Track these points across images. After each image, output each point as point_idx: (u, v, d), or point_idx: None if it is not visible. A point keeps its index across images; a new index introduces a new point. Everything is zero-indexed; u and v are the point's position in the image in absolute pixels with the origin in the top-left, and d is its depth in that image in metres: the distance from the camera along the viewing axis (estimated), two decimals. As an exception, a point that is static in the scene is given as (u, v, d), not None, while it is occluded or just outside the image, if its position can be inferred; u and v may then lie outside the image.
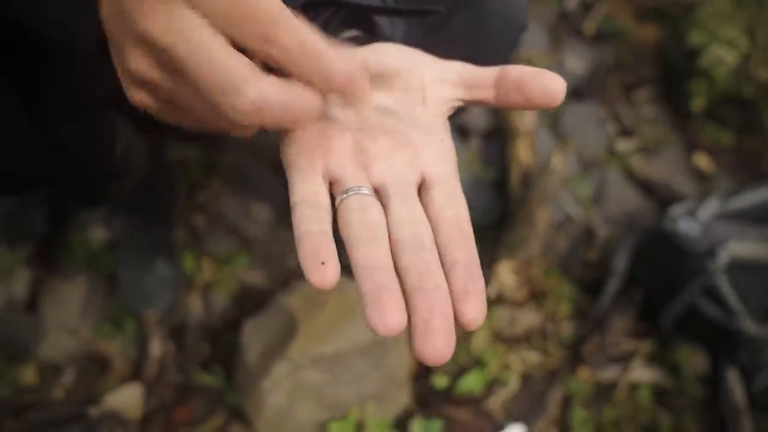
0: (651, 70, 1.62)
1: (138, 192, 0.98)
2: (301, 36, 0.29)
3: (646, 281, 1.05)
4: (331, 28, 0.43)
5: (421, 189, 0.34)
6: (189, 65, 0.28)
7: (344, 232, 0.32)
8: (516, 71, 0.36)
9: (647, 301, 1.05)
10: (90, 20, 0.33)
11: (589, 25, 1.65)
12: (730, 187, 1.42)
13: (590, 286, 1.14)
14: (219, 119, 0.31)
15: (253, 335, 0.85)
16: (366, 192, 0.33)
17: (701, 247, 0.96)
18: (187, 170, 1.07)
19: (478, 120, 1.29)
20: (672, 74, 1.59)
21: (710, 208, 1.01)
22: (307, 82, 0.30)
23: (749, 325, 0.93)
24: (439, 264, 0.30)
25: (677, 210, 1.02)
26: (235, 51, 0.29)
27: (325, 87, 0.30)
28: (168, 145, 1.03)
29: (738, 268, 0.95)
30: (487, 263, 1.06)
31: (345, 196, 0.33)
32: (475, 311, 0.29)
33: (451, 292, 0.29)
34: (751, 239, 0.96)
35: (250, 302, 0.99)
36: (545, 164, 1.11)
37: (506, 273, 0.99)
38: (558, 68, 1.54)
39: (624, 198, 1.32)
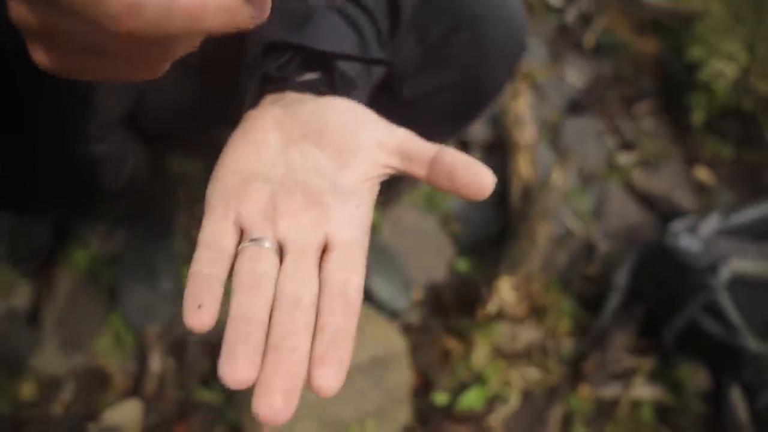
0: (650, 82, 1.62)
1: (139, 205, 0.98)
2: None
3: (647, 297, 1.05)
4: (291, 70, 0.43)
5: (324, 251, 0.35)
6: None
7: (233, 278, 0.32)
8: (450, 158, 0.36)
9: (648, 317, 1.05)
10: None
11: (589, 38, 1.66)
12: (731, 201, 1.42)
13: (590, 301, 1.13)
14: (105, 46, 0.27)
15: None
16: (266, 245, 0.34)
17: (702, 263, 0.96)
18: (188, 183, 1.07)
19: (478, 133, 1.29)
20: (672, 87, 1.59)
21: (711, 224, 1.02)
22: None
23: (751, 342, 0.92)
24: (310, 327, 0.31)
25: (678, 226, 1.02)
26: None
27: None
28: (169, 158, 1.03)
29: (739, 284, 0.95)
30: (487, 279, 1.06)
31: (245, 245, 0.34)
32: (326, 378, 0.29)
33: (311, 355, 0.29)
34: (752, 255, 0.96)
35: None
36: (545, 179, 1.11)
37: (506, 289, 0.99)
38: (558, 81, 1.54)
39: (624, 212, 1.32)
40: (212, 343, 0.97)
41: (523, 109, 1.25)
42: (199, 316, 0.29)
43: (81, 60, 0.29)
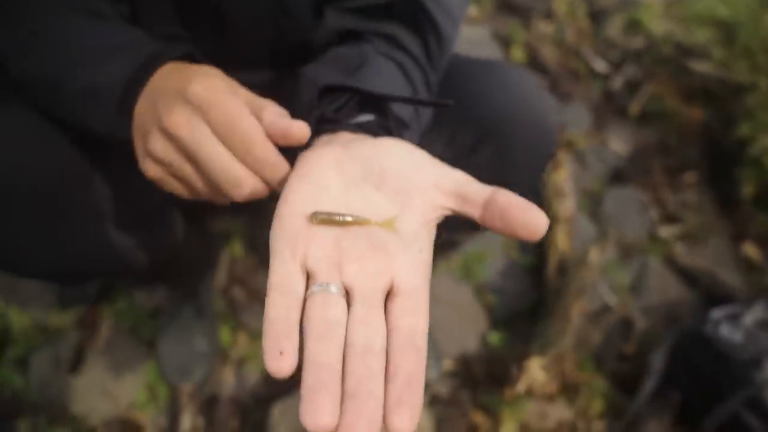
0: (696, 153, 1.59)
1: (179, 263, 1.02)
2: (270, 152, 0.44)
3: (685, 384, 1.02)
4: (346, 111, 0.45)
5: (389, 296, 0.36)
6: (203, 161, 0.44)
7: (304, 325, 0.33)
8: (504, 198, 0.37)
9: (685, 405, 1.01)
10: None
11: (635, 106, 1.65)
12: (780, 281, 1.36)
13: (626, 381, 1.10)
14: (212, 195, 0.46)
15: (282, 419, 0.86)
16: (333, 290, 0.35)
17: (745, 356, 0.93)
18: (229, 243, 1.11)
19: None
20: (718, 158, 1.56)
21: (755, 313, 0.98)
22: (272, 184, 0.46)
23: (796, 444, 0.88)
24: (383, 372, 0.32)
25: (719, 313, 0.99)
26: (233, 157, 0.44)
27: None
28: (211, 218, 1.07)
29: (784, 381, 0.91)
30: (519, 355, 1.05)
31: (314, 289, 0.35)
32: (403, 422, 0.30)
33: (385, 399, 0.31)
34: (799, 351, 0.92)
35: (282, 380, 1.00)
36: (583, 256, 1.10)
37: (536, 369, 0.97)
38: (601, 149, 1.54)
39: (665, 288, 1.29)
40: (242, 402, 0.99)
41: (563, 180, 1.25)
42: (280, 363, 0.31)
43: (181, 189, 0.48)
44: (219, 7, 0.57)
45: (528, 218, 0.36)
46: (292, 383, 0.97)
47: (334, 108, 0.45)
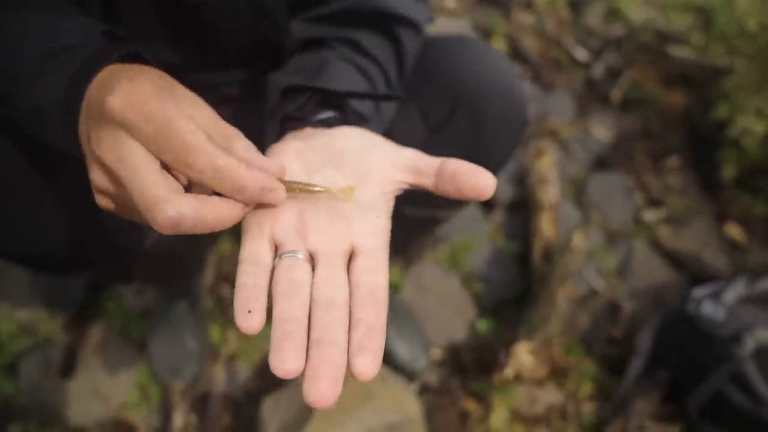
0: (678, 137, 1.61)
1: (167, 263, 1.03)
2: (214, 159, 0.36)
3: (670, 363, 1.03)
4: (308, 109, 0.48)
5: (351, 258, 0.39)
6: (123, 180, 0.36)
7: (272, 288, 0.36)
8: (453, 165, 0.41)
9: (672, 383, 1.03)
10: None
11: (616, 93, 1.67)
12: (764, 259, 1.38)
13: (614, 364, 1.12)
14: (142, 220, 0.38)
15: (272, 412, 0.87)
16: (300, 256, 0.38)
17: (726, 332, 0.95)
18: (216, 241, 1.12)
19: (502, 192, 1.31)
20: (700, 142, 1.58)
21: (736, 290, 1.00)
22: (228, 195, 0.37)
23: (780, 417, 0.89)
24: (345, 323, 0.35)
25: (701, 292, 1.00)
26: (162, 173, 0.36)
27: (241, 198, 0.37)
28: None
29: (766, 354, 0.93)
30: (506, 343, 1.06)
31: (281, 257, 0.38)
32: (365, 366, 0.33)
33: (349, 347, 0.34)
34: (780, 325, 0.94)
35: (273, 375, 1.01)
36: (567, 242, 1.11)
37: (524, 354, 0.98)
38: (584, 136, 1.55)
39: (651, 271, 1.31)
40: (233, 398, 0.99)
41: (547, 168, 1.26)
42: (249, 321, 0.34)
43: (132, 217, 0.41)
44: (199, 9, 0.58)
45: (476, 179, 0.40)
46: (281, 378, 0.97)
47: (296, 106, 0.48)
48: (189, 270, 1.04)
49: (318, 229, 0.40)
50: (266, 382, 1.00)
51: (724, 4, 1.48)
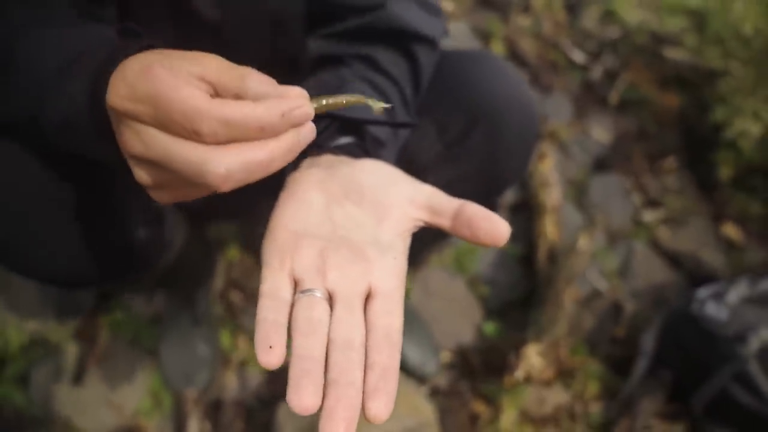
0: (675, 138, 1.64)
1: (177, 270, 1.03)
2: (220, 115, 0.34)
3: (675, 363, 1.05)
4: (327, 136, 0.49)
5: (367, 298, 0.40)
6: (163, 164, 0.36)
7: (291, 324, 0.37)
8: (470, 210, 0.42)
9: (677, 383, 1.05)
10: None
11: (614, 95, 1.69)
12: (761, 258, 1.41)
13: (618, 363, 1.14)
14: (203, 192, 0.38)
15: (288, 418, 0.87)
16: (318, 294, 0.39)
17: (730, 333, 0.97)
18: (224, 248, 1.12)
19: (505, 194, 1.32)
20: (696, 143, 1.61)
21: (739, 290, 1.02)
22: (258, 139, 0.35)
23: (783, 414, 0.92)
24: (362, 364, 0.36)
25: (704, 293, 1.02)
26: (189, 142, 0.35)
27: (271, 135, 0.35)
28: (207, 224, 1.08)
29: (769, 354, 0.95)
30: (515, 344, 1.07)
31: (300, 295, 0.39)
32: (379, 409, 0.34)
33: (364, 388, 0.35)
34: (782, 325, 0.96)
35: (284, 379, 1.01)
36: (572, 244, 1.13)
37: (534, 355, 1.00)
38: (583, 138, 1.57)
39: (651, 270, 1.33)
40: (246, 404, 1.00)
41: (548, 170, 1.28)
42: (270, 356, 0.34)
43: (181, 196, 0.39)
44: (218, 26, 0.59)
45: (492, 227, 0.41)
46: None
47: (318, 132, 0.49)
48: (198, 277, 1.04)
49: (338, 268, 0.40)
50: (278, 387, 1.01)
51: (720, 8, 1.50)
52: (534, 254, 1.21)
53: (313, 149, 0.48)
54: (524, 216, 1.30)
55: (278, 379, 1.02)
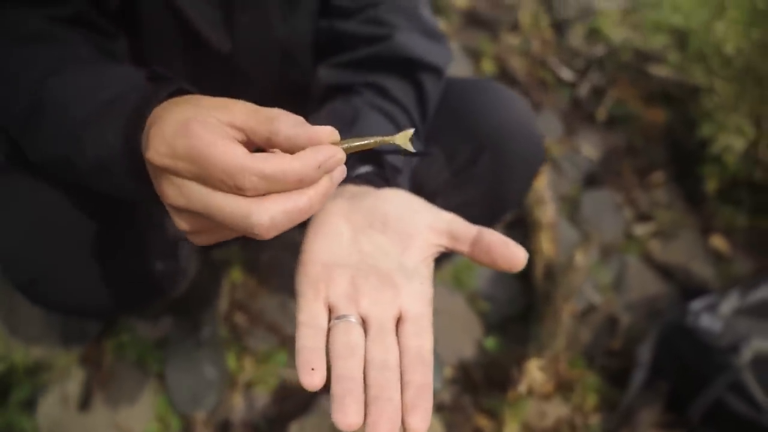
0: (661, 153, 1.68)
1: (185, 293, 1.04)
2: (260, 171, 0.35)
3: (671, 374, 1.08)
4: (348, 164, 0.51)
5: (399, 321, 0.43)
6: (207, 216, 0.37)
7: (330, 348, 0.41)
8: (489, 237, 0.45)
9: (673, 394, 1.08)
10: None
11: (601, 111, 1.74)
12: (748, 269, 1.45)
13: (615, 375, 1.16)
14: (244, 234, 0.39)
15: (297, 438, 0.88)
16: (353, 320, 0.42)
17: (724, 343, 1.00)
18: (228, 270, 1.13)
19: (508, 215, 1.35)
20: (682, 157, 1.65)
21: (730, 302, 1.05)
22: (294, 189, 0.37)
23: (777, 422, 0.95)
24: (398, 383, 0.39)
25: (698, 305, 1.06)
26: (230, 195, 0.36)
27: (308, 185, 0.37)
28: (212, 247, 1.09)
29: (763, 363, 0.98)
30: (516, 358, 1.10)
31: (336, 321, 0.42)
32: (417, 422, 0.37)
33: (402, 405, 0.38)
34: (772, 335, 1.00)
35: (291, 400, 1.03)
36: (569, 260, 1.16)
37: (534, 370, 1.02)
38: (573, 154, 1.61)
39: (644, 283, 1.36)
40: (254, 424, 1.01)
41: (542, 188, 1.31)
42: (312, 377, 0.37)
43: (218, 236, 0.41)
44: (229, 56, 0.61)
45: (510, 253, 0.45)
46: (303, 403, 0.99)
47: None
48: (203, 299, 1.06)
49: (369, 294, 0.43)
50: (285, 407, 1.02)
51: (702, 28, 1.56)
52: (531, 270, 1.23)
53: None
54: (520, 233, 1.33)
55: (285, 400, 1.03)
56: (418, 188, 0.61)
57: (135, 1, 0.56)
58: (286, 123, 0.37)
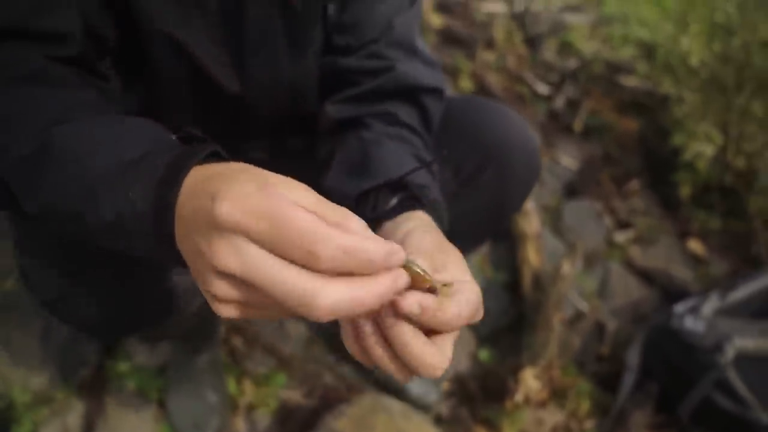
0: (636, 161, 1.75)
1: (184, 318, 1.05)
2: (342, 242, 0.34)
3: (660, 375, 1.12)
4: (381, 204, 0.53)
5: None
6: (263, 287, 0.34)
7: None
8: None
9: (663, 394, 1.12)
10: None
11: (577, 122, 1.80)
12: (724, 270, 1.51)
13: (606, 380, 1.20)
14: (285, 317, 0.38)
15: (303, 458, 0.90)
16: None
17: (708, 343, 1.04)
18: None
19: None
20: (656, 165, 1.72)
21: (711, 303, 1.10)
22: (355, 272, 0.35)
23: (764, 416, 0.99)
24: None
25: (682, 308, 1.10)
26: (299, 268, 0.34)
27: (369, 271, 0.35)
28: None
29: (745, 361, 1.03)
30: (510, 368, 1.12)
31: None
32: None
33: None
34: (752, 333, 1.05)
35: (291, 420, 1.04)
36: (556, 269, 1.19)
37: (530, 378, 1.05)
38: (553, 165, 1.66)
39: (627, 288, 1.41)
40: (256, 448, 1.01)
41: (526, 201, 1.35)
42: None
43: (262, 316, 0.39)
44: (241, 98, 0.63)
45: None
46: (305, 422, 1.01)
47: (371, 207, 0.53)
48: (203, 324, 1.06)
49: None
50: (287, 429, 1.03)
51: (668, 41, 1.63)
52: (519, 281, 1.27)
53: (370, 225, 0.50)
54: (506, 245, 1.36)
55: (286, 421, 1.04)
56: None
57: (142, 42, 0.57)
58: (356, 220, 0.36)
